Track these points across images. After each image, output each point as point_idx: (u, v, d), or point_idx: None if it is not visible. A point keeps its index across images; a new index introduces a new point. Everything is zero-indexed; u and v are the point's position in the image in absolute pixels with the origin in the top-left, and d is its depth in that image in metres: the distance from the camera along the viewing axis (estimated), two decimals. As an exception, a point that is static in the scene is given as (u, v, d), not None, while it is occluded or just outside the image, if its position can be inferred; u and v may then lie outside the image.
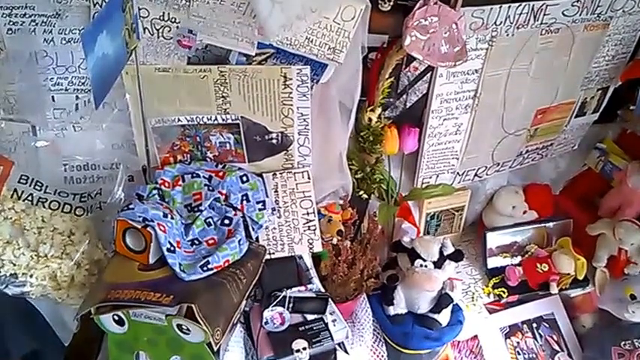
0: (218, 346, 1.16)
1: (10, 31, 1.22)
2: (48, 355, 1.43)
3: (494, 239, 1.87)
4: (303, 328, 1.35)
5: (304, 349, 1.31)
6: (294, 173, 1.48)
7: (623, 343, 1.69)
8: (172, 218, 1.30)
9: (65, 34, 1.25)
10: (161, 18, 1.26)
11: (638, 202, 1.78)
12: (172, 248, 1.25)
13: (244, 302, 1.30)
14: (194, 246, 1.32)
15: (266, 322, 1.35)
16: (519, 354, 1.77)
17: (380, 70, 1.43)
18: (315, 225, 1.46)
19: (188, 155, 1.45)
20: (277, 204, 1.46)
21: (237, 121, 1.39)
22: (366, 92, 1.46)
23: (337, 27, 1.27)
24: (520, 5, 1.41)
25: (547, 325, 1.83)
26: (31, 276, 1.30)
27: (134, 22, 1.16)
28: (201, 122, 1.39)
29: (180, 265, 1.23)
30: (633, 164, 1.80)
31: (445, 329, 1.54)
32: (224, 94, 1.35)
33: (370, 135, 1.52)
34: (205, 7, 1.24)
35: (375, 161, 1.59)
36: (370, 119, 1.49)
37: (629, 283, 1.73)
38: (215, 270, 1.24)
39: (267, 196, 1.44)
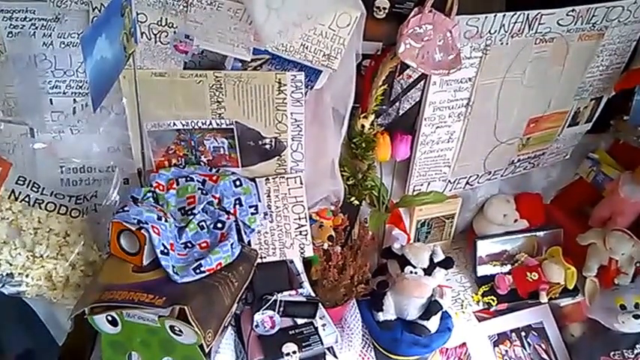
0: (209, 348, 1.17)
1: (10, 35, 1.24)
2: (42, 355, 1.43)
3: (484, 247, 1.87)
4: (293, 331, 1.36)
5: (294, 352, 1.31)
6: (287, 178, 1.49)
7: (612, 353, 1.69)
8: (166, 221, 1.31)
9: (64, 37, 1.27)
10: (159, 23, 1.27)
11: (630, 212, 1.79)
12: (166, 251, 1.26)
13: (236, 305, 1.31)
14: (187, 249, 1.33)
15: (257, 326, 1.36)
16: (507, 362, 1.77)
17: (374, 78, 1.44)
18: (306, 230, 1.47)
19: (182, 159, 1.46)
20: (269, 208, 1.47)
21: (232, 126, 1.40)
22: (359, 99, 1.47)
23: (332, 34, 1.28)
24: (515, 14, 1.41)
25: (536, 334, 1.83)
26: (27, 276, 1.32)
27: (132, 26, 1.18)
28: (196, 127, 1.40)
29: (173, 267, 1.24)
30: (625, 174, 1.81)
31: (434, 336, 1.55)
32: (219, 99, 1.36)
33: (363, 142, 1.53)
34: (202, 13, 1.25)
35: (367, 168, 1.59)
36: (363, 126, 1.50)
37: (620, 293, 1.72)
38: (207, 273, 1.25)
39: (259, 201, 1.45)
